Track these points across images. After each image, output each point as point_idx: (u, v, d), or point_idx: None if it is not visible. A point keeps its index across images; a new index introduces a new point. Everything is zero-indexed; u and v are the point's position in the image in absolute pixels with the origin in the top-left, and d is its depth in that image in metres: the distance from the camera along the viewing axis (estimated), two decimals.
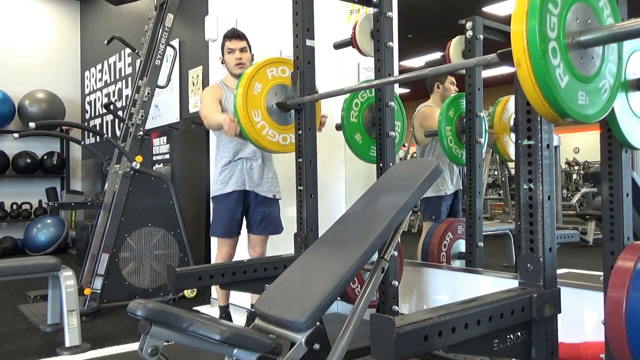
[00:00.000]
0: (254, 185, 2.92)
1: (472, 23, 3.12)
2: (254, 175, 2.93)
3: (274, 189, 2.99)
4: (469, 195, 3.16)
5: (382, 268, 1.72)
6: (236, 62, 2.97)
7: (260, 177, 2.94)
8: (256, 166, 2.93)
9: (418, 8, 6.93)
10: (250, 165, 2.92)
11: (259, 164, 2.94)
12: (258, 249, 3.00)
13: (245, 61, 2.99)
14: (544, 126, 1.44)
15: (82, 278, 3.96)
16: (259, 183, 2.94)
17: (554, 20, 1.15)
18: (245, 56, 3.00)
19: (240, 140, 2.86)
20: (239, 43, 2.98)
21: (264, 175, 2.96)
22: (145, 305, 1.34)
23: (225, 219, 2.94)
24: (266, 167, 2.97)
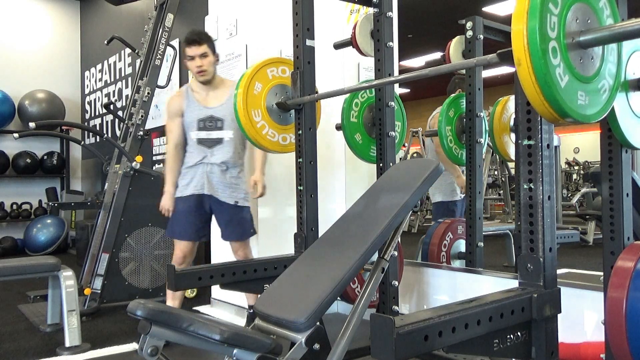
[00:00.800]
0: (212, 189, 2.85)
1: (472, 23, 3.12)
2: (214, 179, 2.85)
3: (236, 195, 2.87)
4: (469, 195, 3.16)
5: (382, 268, 1.72)
6: (197, 70, 2.84)
7: (220, 182, 2.85)
8: (217, 170, 2.85)
9: (418, 8, 6.93)
10: (210, 169, 2.85)
11: (223, 169, 2.86)
12: (240, 253, 2.94)
13: (207, 67, 2.85)
14: (544, 126, 1.44)
15: (82, 278, 3.96)
16: (219, 188, 2.85)
17: (554, 20, 1.15)
18: (207, 62, 2.84)
19: (206, 148, 2.86)
20: (198, 49, 2.82)
21: (225, 180, 2.86)
22: (145, 305, 1.34)
23: (179, 220, 2.89)
24: (231, 172, 2.87)
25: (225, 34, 3.52)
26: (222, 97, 2.90)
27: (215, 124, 2.88)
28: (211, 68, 2.87)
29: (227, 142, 2.88)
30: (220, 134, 2.88)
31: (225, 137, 2.88)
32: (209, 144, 2.87)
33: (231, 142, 2.88)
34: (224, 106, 2.87)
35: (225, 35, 3.52)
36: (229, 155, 2.86)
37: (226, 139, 2.88)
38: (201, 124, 2.88)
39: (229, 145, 2.88)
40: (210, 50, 2.86)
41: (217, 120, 2.88)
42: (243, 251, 2.95)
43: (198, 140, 2.89)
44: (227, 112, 2.83)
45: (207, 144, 2.88)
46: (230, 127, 2.86)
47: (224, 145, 2.87)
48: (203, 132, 2.88)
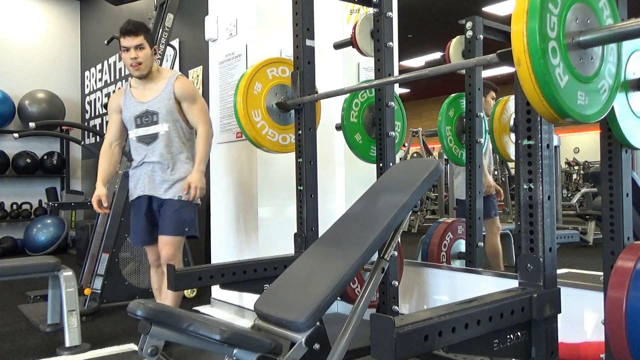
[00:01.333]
0: (154, 189, 2.71)
1: (472, 23, 3.12)
2: (156, 177, 2.70)
3: (178, 192, 2.69)
4: (469, 196, 3.16)
5: (382, 268, 1.72)
6: (131, 63, 2.66)
7: (162, 180, 2.69)
8: (159, 169, 2.70)
9: (418, 8, 6.93)
10: (152, 168, 2.71)
11: (164, 167, 2.70)
12: (163, 252, 2.69)
13: (143, 59, 2.67)
14: (544, 126, 1.44)
15: (82, 278, 3.96)
16: (162, 186, 2.70)
17: (554, 20, 1.15)
18: (143, 54, 2.66)
19: (145, 145, 2.72)
20: (134, 40, 2.64)
21: (168, 177, 2.70)
22: (145, 305, 1.34)
23: (133, 226, 2.82)
24: (174, 170, 2.71)
25: (225, 34, 3.52)
26: (158, 89, 2.72)
27: (150, 118, 2.71)
28: (148, 62, 2.69)
29: (163, 136, 2.70)
30: (155, 129, 2.71)
31: (160, 131, 2.70)
32: (147, 140, 2.72)
33: (167, 136, 2.70)
34: (159, 98, 2.70)
35: (225, 35, 3.52)
36: (165, 150, 2.69)
37: (161, 132, 2.70)
38: (138, 120, 2.73)
39: (164, 140, 2.70)
40: (147, 42, 2.68)
41: (152, 114, 2.70)
42: (167, 250, 2.68)
43: (137, 139, 2.75)
44: (162, 105, 2.69)
45: (145, 141, 2.73)
46: (165, 119, 2.69)
47: (160, 140, 2.70)
48: (141, 129, 2.73)
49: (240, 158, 3.38)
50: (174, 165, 2.72)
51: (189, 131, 2.78)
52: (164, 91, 2.70)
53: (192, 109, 2.74)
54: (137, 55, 2.65)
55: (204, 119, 2.76)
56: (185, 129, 2.76)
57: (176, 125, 2.72)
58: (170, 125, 2.70)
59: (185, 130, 2.76)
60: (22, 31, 7.18)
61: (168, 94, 2.70)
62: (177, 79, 2.73)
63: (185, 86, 2.74)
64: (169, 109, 2.69)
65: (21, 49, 7.14)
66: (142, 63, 2.67)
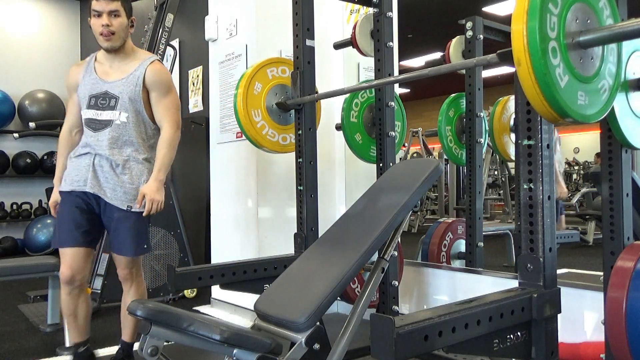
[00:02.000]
0: (98, 187, 2.23)
1: (472, 23, 3.12)
2: (101, 175, 2.23)
3: (130, 199, 2.25)
4: (469, 195, 3.16)
5: (382, 268, 1.72)
6: (101, 30, 2.21)
7: (110, 181, 2.23)
8: (107, 165, 2.23)
9: (418, 8, 6.93)
10: (99, 162, 2.24)
11: (112, 165, 2.24)
12: (122, 272, 2.34)
13: (117, 29, 2.23)
14: (544, 126, 1.45)
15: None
16: (107, 187, 2.23)
17: (554, 20, 1.15)
18: (117, 23, 2.23)
19: (92, 132, 2.27)
20: (109, 4, 2.21)
21: (117, 179, 2.23)
22: (145, 305, 1.34)
23: (59, 222, 2.28)
24: (125, 171, 2.25)
25: (225, 34, 3.52)
26: (126, 70, 2.29)
27: (108, 102, 2.25)
28: (122, 33, 2.26)
29: (118, 126, 2.24)
30: (110, 115, 2.24)
31: (115, 119, 2.24)
32: (96, 126, 2.25)
33: (123, 128, 2.25)
34: (124, 81, 2.26)
35: (225, 35, 3.52)
36: (117, 145, 2.25)
37: (116, 122, 2.24)
38: (92, 100, 2.26)
39: (118, 132, 2.24)
40: (125, 10, 2.27)
41: (111, 98, 2.25)
42: (126, 270, 2.33)
43: (86, 121, 2.28)
44: (126, 89, 2.25)
45: (93, 127, 2.26)
46: (125, 108, 2.25)
47: (112, 130, 2.24)
48: (91, 112, 2.26)
49: (240, 158, 3.38)
50: (126, 165, 2.26)
51: (153, 128, 2.35)
52: (133, 74, 2.27)
53: (161, 102, 2.30)
54: (111, 22, 2.22)
55: (173, 118, 2.32)
56: (149, 125, 2.33)
57: (138, 117, 2.28)
58: (130, 115, 2.25)
59: (149, 126, 2.33)
60: (22, 31, 7.17)
61: (136, 78, 2.26)
62: (152, 63, 2.30)
63: (159, 73, 2.31)
64: (133, 96, 2.25)
65: (21, 49, 7.13)
66: (115, 33, 2.23)
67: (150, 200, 2.22)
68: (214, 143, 3.65)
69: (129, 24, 2.32)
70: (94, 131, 2.26)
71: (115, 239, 2.29)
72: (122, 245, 2.28)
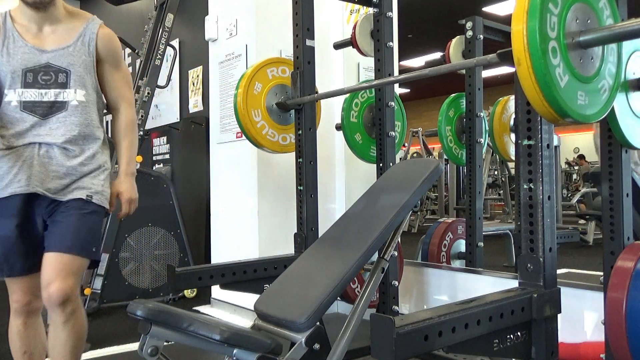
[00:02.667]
0: (46, 183, 1.72)
1: (472, 23, 3.12)
2: (52, 167, 1.73)
3: (86, 188, 1.76)
4: (469, 195, 3.16)
5: (382, 268, 1.72)
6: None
7: (65, 172, 1.74)
8: (60, 155, 1.75)
9: (418, 8, 6.93)
10: (47, 153, 1.73)
11: (69, 153, 1.76)
12: (56, 285, 1.70)
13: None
14: (544, 126, 1.45)
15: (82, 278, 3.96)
16: (60, 180, 1.74)
17: (554, 20, 1.15)
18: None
19: (35, 117, 1.74)
20: None
21: (75, 169, 1.76)
22: (145, 305, 1.34)
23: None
24: (86, 160, 1.79)
25: (225, 34, 3.52)
26: (69, 35, 1.79)
27: (54, 77, 1.75)
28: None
29: (75, 108, 1.77)
30: (63, 96, 1.76)
31: (71, 100, 1.76)
32: (42, 111, 1.74)
33: (81, 110, 1.78)
34: (72, 49, 1.77)
35: (225, 35, 3.52)
36: (77, 130, 1.77)
37: (72, 103, 1.76)
38: (29, 76, 1.74)
39: (78, 114, 1.77)
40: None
41: (59, 72, 1.76)
42: (60, 283, 1.70)
43: (23, 105, 1.73)
44: (77, 60, 1.77)
45: (38, 111, 1.74)
46: (81, 84, 1.78)
47: (69, 114, 1.76)
48: (32, 92, 1.74)
49: (240, 158, 3.38)
50: (86, 152, 1.80)
51: (103, 104, 1.92)
52: (81, 40, 1.79)
53: (115, 76, 1.88)
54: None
55: (130, 96, 1.94)
56: (103, 104, 1.92)
57: (96, 95, 1.84)
58: (87, 94, 1.80)
59: (104, 105, 1.92)
60: None
61: (87, 45, 1.79)
62: (101, 27, 1.84)
63: (112, 39, 1.87)
64: (88, 68, 1.80)
65: None
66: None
67: (127, 201, 1.92)
68: (214, 143, 3.65)
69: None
70: (40, 117, 1.74)
71: (56, 230, 1.71)
72: (63, 238, 1.69)
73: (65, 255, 1.68)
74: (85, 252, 1.75)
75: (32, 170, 1.72)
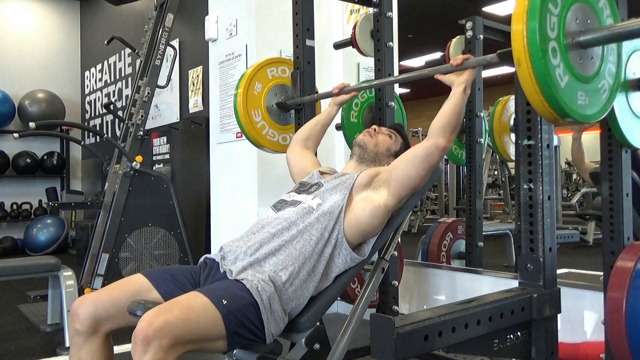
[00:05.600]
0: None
1: (472, 23, 3.12)
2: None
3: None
4: (469, 195, 3.16)
5: (382, 268, 1.72)
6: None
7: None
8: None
9: (418, 8, 6.92)
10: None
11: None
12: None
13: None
14: (544, 126, 1.45)
15: (82, 278, 3.96)
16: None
17: (554, 20, 1.15)
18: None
19: None
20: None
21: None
22: (145, 305, 1.34)
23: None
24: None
25: (225, 34, 3.52)
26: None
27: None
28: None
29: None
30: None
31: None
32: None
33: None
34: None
35: (225, 35, 3.52)
36: None
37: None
38: None
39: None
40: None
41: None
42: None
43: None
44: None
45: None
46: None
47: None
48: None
49: (240, 158, 3.38)
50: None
51: None
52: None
53: None
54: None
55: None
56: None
57: None
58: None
59: None
60: (22, 31, 7.17)
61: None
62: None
63: None
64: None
65: (21, 49, 7.13)
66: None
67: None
68: (214, 143, 3.65)
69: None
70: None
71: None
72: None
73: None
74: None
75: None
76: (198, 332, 1.25)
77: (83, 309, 1.41)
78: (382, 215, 1.61)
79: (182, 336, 1.21)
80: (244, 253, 1.52)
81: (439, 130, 1.62)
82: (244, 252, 1.52)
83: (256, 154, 3.17)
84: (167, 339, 1.18)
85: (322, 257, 1.53)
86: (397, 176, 1.62)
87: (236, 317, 1.32)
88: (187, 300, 1.29)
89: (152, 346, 1.17)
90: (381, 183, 1.64)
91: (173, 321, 1.21)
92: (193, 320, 1.25)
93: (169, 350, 1.18)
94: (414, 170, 1.61)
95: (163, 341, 1.18)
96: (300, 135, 2.14)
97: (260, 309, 1.36)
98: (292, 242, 1.52)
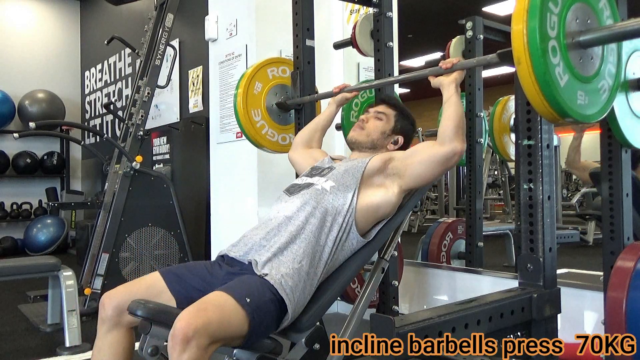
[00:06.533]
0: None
1: (472, 23, 3.12)
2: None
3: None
4: (469, 195, 3.16)
5: (382, 268, 1.72)
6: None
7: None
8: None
9: (418, 8, 6.93)
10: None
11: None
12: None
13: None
14: (544, 126, 1.45)
15: (82, 278, 3.96)
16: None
17: (554, 20, 1.15)
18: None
19: None
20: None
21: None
22: (145, 305, 1.34)
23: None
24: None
25: (225, 34, 3.52)
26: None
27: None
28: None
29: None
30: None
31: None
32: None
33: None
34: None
35: (225, 35, 3.52)
36: None
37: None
38: None
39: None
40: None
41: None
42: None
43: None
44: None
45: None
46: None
47: None
48: None
49: (240, 158, 3.38)
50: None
51: None
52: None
53: None
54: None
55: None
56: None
57: None
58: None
59: None
60: (22, 31, 7.17)
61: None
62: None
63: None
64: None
65: (21, 49, 7.13)
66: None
67: None
68: (214, 143, 3.65)
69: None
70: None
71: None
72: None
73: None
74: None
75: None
76: (230, 331, 1.32)
77: (109, 299, 1.50)
78: (394, 201, 1.66)
79: (217, 335, 1.27)
80: (265, 240, 1.56)
81: (453, 135, 1.63)
82: (265, 239, 1.56)
83: (256, 153, 3.16)
84: (204, 339, 1.23)
85: (331, 238, 1.57)
86: (411, 173, 1.66)
87: (259, 316, 1.36)
88: (217, 300, 1.34)
89: (191, 345, 1.21)
90: (395, 171, 1.68)
91: (210, 321, 1.26)
92: (226, 319, 1.30)
93: (206, 348, 1.24)
94: (429, 172, 1.66)
95: (201, 340, 1.22)
96: (302, 139, 2.16)
97: (286, 302, 1.41)
98: (307, 226, 1.55)
